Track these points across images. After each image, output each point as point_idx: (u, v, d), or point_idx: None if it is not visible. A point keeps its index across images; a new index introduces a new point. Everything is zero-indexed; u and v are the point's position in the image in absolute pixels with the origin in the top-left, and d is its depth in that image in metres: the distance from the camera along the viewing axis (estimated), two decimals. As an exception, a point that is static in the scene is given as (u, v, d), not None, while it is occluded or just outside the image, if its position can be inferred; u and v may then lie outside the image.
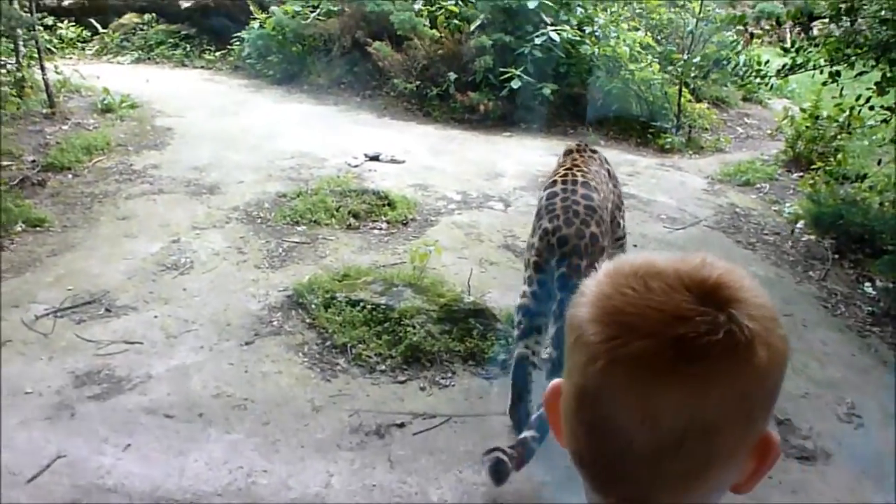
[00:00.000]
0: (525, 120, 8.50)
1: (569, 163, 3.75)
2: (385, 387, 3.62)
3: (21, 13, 7.20)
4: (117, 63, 10.68)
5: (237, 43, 10.33)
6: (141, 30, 11.47)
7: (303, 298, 4.20)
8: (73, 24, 11.51)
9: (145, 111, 7.93)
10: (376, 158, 6.76)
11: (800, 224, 6.15)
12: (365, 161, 6.67)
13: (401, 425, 3.34)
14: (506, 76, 8.20)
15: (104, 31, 11.54)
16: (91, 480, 2.91)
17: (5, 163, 6.15)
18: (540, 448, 2.91)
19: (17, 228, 5.07)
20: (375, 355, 3.80)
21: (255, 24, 9.94)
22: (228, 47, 10.60)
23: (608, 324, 0.69)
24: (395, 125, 8.27)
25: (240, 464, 3.04)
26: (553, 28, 8.28)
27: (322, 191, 5.74)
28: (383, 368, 3.74)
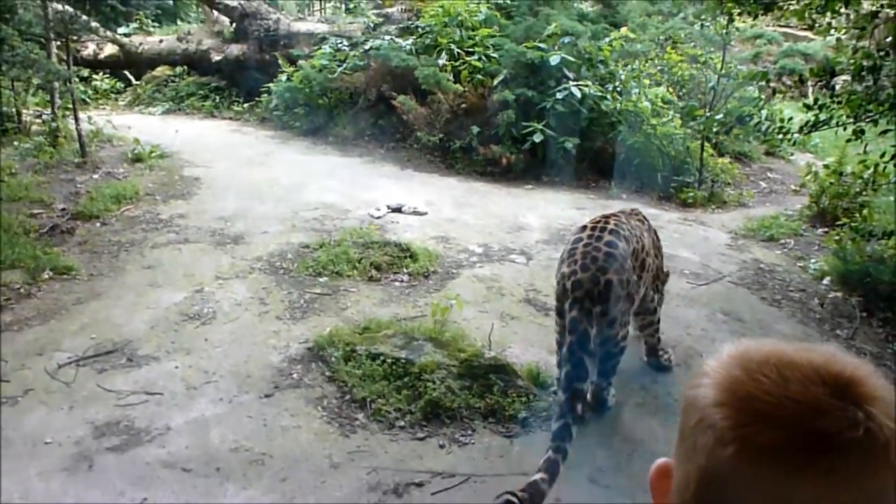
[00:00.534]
0: (548, 174, 8.57)
1: (610, 216, 3.77)
2: (404, 443, 3.57)
3: (58, 66, 7.46)
4: (149, 114, 10.99)
5: (265, 95, 10.60)
6: (172, 81, 11.83)
7: (323, 351, 4.19)
8: (108, 76, 11.89)
9: (174, 161, 8.11)
10: (399, 210, 6.81)
11: (826, 281, 6.06)
12: (388, 213, 6.73)
13: (419, 484, 3.29)
14: (528, 130, 8.29)
15: (137, 83, 11.92)
16: (106, 535, 2.88)
17: (36, 211, 6.30)
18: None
19: (45, 276, 5.15)
20: (395, 410, 3.76)
21: (283, 77, 10.21)
22: (257, 99, 10.88)
23: (740, 409, 0.68)
24: (419, 177, 8.36)
25: (256, 521, 3.00)
26: (575, 84, 8.39)
27: (345, 242, 5.79)
28: (402, 424, 3.69)
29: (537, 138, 8.23)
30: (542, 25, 9.23)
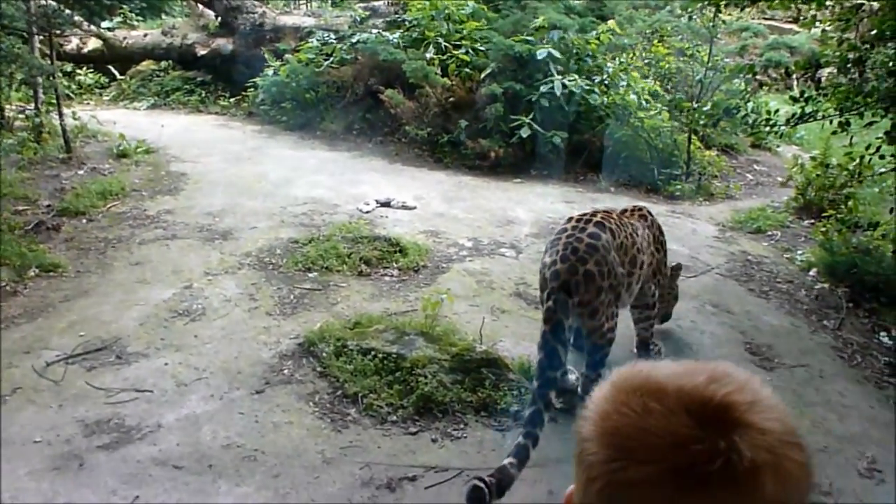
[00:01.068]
0: (536, 167, 8.57)
1: (601, 212, 3.78)
2: (396, 438, 3.57)
3: (41, 61, 7.36)
4: (134, 109, 10.88)
5: (252, 90, 10.52)
6: (157, 76, 11.72)
7: (314, 347, 4.18)
8: (92, 71, 11.76)
9: (160, 157, 8.04)
10: (388, 205, 6.80)
11: (813, 272, 6.11)
12: (377, 207, 6.71)
13: (412, 479, 3.29)
14: (516, 124, 8.29)
15: (122, 78, 11.79)
16: (98, 534, 2.86)
17: (21, 207, 6.23)
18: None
19: (32, 273, 5.11)
20: (387, 405, 3.76)
21: (270, 72, 10.14)
22: (243, 94, 10.79)
23: (607, 444, 0.67)
24: (407, 172, 8.34)
25: (249, 518, 3.00)
26: (562, 77, 8.39)
27: (334, 237, 5.77)
28: (395, 419, 3.70)
29: (525, 132, 8.23)
30: (530, 19, 9.22)
